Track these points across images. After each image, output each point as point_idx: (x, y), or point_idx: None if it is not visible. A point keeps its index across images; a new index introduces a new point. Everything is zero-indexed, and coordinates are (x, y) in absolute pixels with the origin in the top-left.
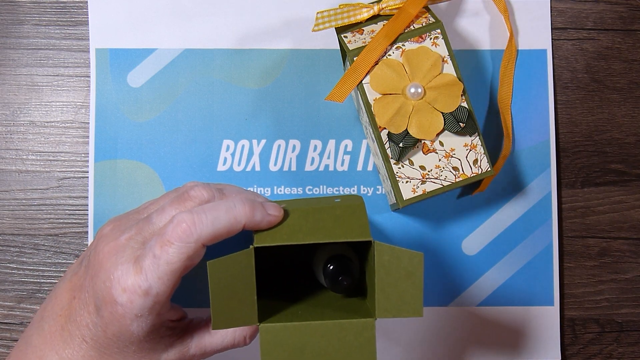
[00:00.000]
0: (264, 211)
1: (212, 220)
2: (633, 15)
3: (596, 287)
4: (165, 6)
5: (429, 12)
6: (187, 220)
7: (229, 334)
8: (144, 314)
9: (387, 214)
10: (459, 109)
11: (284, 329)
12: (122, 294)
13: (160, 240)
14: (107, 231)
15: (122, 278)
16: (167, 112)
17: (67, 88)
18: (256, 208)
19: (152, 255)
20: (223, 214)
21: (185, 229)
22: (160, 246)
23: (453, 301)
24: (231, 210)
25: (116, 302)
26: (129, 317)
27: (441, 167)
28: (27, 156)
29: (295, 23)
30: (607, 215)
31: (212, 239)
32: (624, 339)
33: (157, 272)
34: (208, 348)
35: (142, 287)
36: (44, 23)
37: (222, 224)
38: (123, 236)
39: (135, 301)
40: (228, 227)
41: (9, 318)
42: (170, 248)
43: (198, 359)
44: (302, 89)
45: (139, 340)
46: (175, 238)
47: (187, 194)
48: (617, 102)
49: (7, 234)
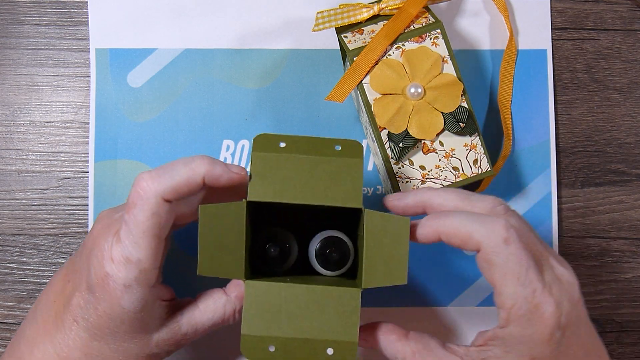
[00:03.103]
0: (224, 167)
1: (170, 174)
2: (633, 15)
3: (596, 287)
4: (165, 6)
5: (429, 12)
6: (145, 177)
7: (218, 308)
8: (132, 284)
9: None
10: (459, 109)
11: (269, 287)
12: (111, 264)
13: (126, 206)
14: (104, 214)
15: (110, 249)
16: (167, 112)
17: (67, 88)
18: (216, 162)
19: (124, 223)
20: (181, 166)
21: (144, 186)
22: (127, 211)
23: (453, 301)
24: (189, 163)
25: (107, 274)
26: (119, 289)
27: (441, 167)
28: (27, 156)
29: (295, 23)
30: (607, 215)
31: (172, 192)
32: (624, 339)
33: (132, 237)
34: (199, 324)
35: (124, 255)
36: (44, 23)
37: (180, 176)
38: (116, 215)
39: (121, 270)
40: (187, 180)
41: (9, 318)
42: (134, 209)
43: (191, 337)
44: (302, 89)
45: (130, 318)
46: (136, 198)
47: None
48: (617, 102)
49: (7, 234)
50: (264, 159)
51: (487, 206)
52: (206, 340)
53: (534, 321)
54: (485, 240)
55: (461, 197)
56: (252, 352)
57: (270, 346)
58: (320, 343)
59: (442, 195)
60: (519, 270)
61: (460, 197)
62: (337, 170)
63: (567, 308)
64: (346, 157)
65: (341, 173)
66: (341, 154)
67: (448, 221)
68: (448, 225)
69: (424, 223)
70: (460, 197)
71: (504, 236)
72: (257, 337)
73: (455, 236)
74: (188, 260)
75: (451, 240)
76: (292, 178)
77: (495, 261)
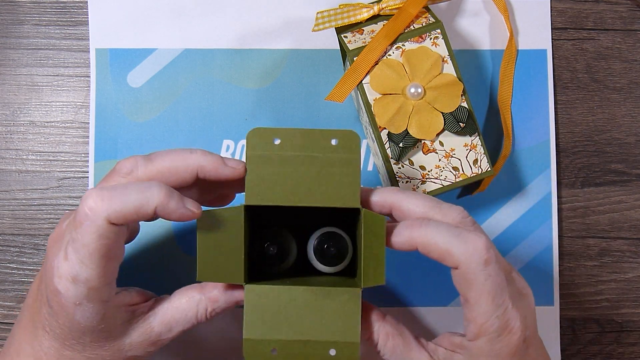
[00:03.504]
0: (180, 202)
1: (120, 197)
2: (633, 15)
3: (596, 287)
4: (165, 6)
5: (429, 12)
6: (93, 196)
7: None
8: (82, 302)
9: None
10: (459, 109)
11: (268, 291)
12: (60, 282)
13: (73, 222)
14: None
15: (58, 266)
16: (167, 112)
17: (67, 88)
18: (172, 197)
19: (71, 240)
20: (134, 192)
21: (91, 205)
22: (74, 228)
23: (453, 301)
24: (144, 190)
25: (57, 291)
26: (70, 307)
27: (441, 167)
28: (27, 156)
29: (295, 23)
30: (607, 215)
31: (120, 217)
32: (624, 339)
33: (78, 256)
34: (172, 323)
35: (71, 274)
36: (44, 23)
37: (130, 202)
38: (64, 222)
39: (70, 289)
40: (137, 207)
41: (9, 318)
42: (80, 228)
43: (166, 336)
44: (302, 89)
45: (90, 330)
46: (83, 216)
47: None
48: (617, 102)
49: (7, 234)
50: (259, 160)
51: (456, 217)
52: (204, 342)
53: (502, 337)
54: (465, 260)
55: (430, 204)
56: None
57: (272, 349)
58: (322, 344)
59: (411, 200)
60: (495, 290)
61: (429, 204)
62: (334, 169)
63: (530, 321)
64: (343, 153)
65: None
66: (338, 150)
67: (427, 232)
68: (426, 237)
69: (400, 231)
70: (430, 205)
71: (484, 257)
72: (258, 340)
73: (434, 250)
74: (189, 261)
75: (429, 253)
76: (288, 180)
77: (473, 281)
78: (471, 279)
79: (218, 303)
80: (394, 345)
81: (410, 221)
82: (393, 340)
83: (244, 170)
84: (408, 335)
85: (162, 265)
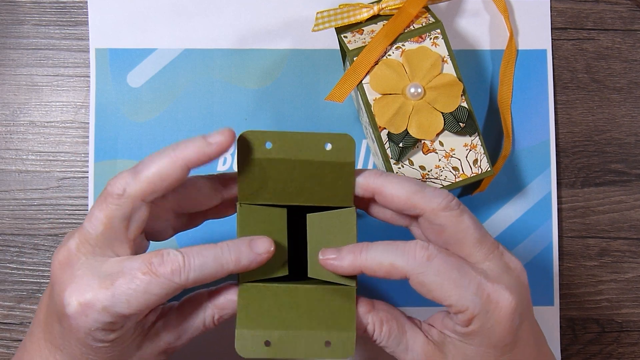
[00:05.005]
0: (250, 253)
1: (200, 266)
2: (633, 15)
3: (596, 287)
4: (165, 6)
5: (428, 12)
6: (180, 261)
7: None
8: (98, 328)
9: None
10: (459, 109)
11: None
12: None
13: (145, 267)
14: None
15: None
16: (167, 112)
17: (67, 88)
18: (242, 252)
19: (131, 278)
20: (211, 261)
21: (176, 269)
22: (144, 273)
23: None
24: (218, 258)
25: (68, 316)
26: (83, 331)
27: (441, 167)
28: (27, 156)
29: (295, 23)
30: (607, 215)
31: (195, 283)
32: (624, 339)
33: (128, 294)
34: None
35: (103, 303)
36: (44, 23)
37: (208, 270)
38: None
39: (91, 315)
40: (213, 274)
41: (9, 318)
42: (153, 279)
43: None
44: (302, 89)
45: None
46: (162, 273)
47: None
48: (617, 102)
49: (7, 234)
50: (250, 163)
51: (442, 202)
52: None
53: (491, 312)
54: (409, 267)
55: (413, 189)
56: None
57: (265, 342)
58: (316, 335)
59: (394, 185)
60: (454, 276)
61: (413, 188)
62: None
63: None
64: (337, 157)
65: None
66: (332, 154)
67: (369, 255)
68: (370, 259)
69: (344, 256)
70: (413, 190)
71: (425, 255)
72: (251, 333)
73: (379, 270)
74: None
75: (376, 273)
76: (281, 182)
77: (426, 281)
78: (423, 281)
79: (226, 310)
80: (389, 330)
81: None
82: (387, 326)
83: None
84: (401, 317)
85: None
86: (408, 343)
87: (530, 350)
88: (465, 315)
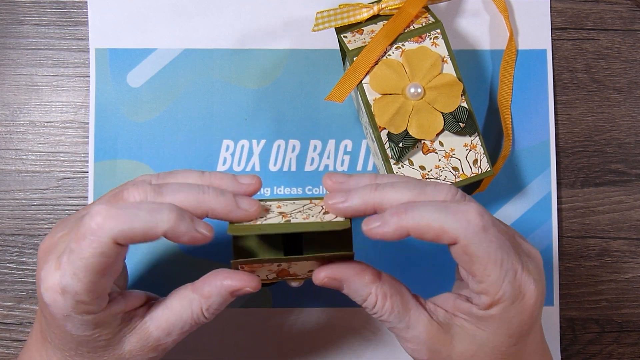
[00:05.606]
0: (190, 225)
1: (130, 218)
2: (633, 15)
3: (596, 287)
4: (165, 6)
5: (428, 12)
6: (102, 212)
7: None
8: (70, 313)
9: None
10: (459, 109)
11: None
12: (46, 293)
13: (76, 233)
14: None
15: (47, 277)
16: (167, 112)
17: (66, 88)
18: (183, 219)
19: (69, 250)
20: (144, 213)
21: (99, 222)
22: (75, 240)
23: None
24: (154, 212)
25: (46, 303)
26: (60, 318)
27: (441, 167)
28: (27, 156)
29: (295, 23)
30: (607, 215)
31: (126, 237)
32: (624, 339)
33: (72, 268)
34: (170, 326)
35: (60, 285)
36: (44, 23)
37: (140, 223)
38: (57, 234)
39: (58, 300)
40: (146, 230)
41: (8, 318)
42: (83, 241)
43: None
44: (302, 89)
45: (85, 340)
46: (88, 231)
47: (119, 195)
48: (617, 102)
49: (7, 234)
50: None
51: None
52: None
53: (517, 302)
54: (462, 232)
55: (414, 193)
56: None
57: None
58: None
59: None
60: (501, 256)
61: (413, 193)
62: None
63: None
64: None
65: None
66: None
67: (416, 215)
68: (417, 220)
69: (387, 220)
70: (414, 193)
71: (480, 225)
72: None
73: (427, 232)
74: (190, 262)
75: (423, 236)
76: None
77: (475, 252)
78: (472, 251)
79: (212, 298)
80: (392, 305)
81: (394, 208)
82: (391, 300)
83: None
84: (406, 293)
85: (163, 267)
86: (410, 321)
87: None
88: (490, 298)
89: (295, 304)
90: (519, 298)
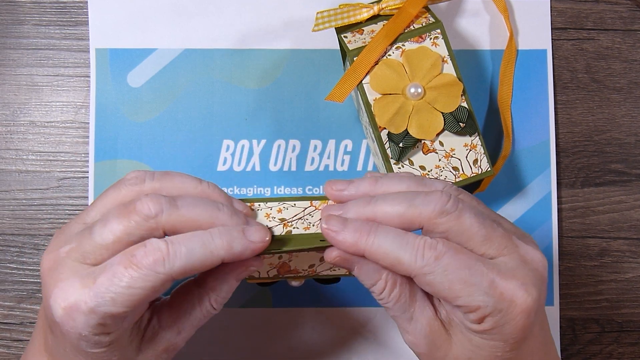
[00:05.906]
0: (243, 240)
1: (187, 254)
2: (633, 15)
3: (596, 287)
4: (165, 6)
5: (429, 12)
6: (163, 249)
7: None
8: (89, 332)
9: None
10: (459, 109)
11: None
12: (62, 312)
13: (126, 260)
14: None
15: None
16: (167, 112)
17: (67, 88)
18: (234, 238)
19: (112, 273)
20: (199, 247)
21: (159, 258)
22: (125, 267)
23: None
24: (207, 244)
25: (57, 322)
26: (74, 337)
27: (441, 167)
28: (27, 156)
29: (295, 23)
30: (607, 215)
31: (184, 273)
32: (624, 339)
33: (112, 292)
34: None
35: (89, 304)
36: (44, 23)
37: (196, 257)
38: (63, 248)
39: (78, 320)
40: (202, 261)
41: (9, 318)
42: (136, 272)
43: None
44: (302, 89)
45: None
46: (145, 264)
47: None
48: (617, 102)
49: (7, 234)
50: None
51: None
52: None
53: (505, 310)
54: (414, 265)
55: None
56: None
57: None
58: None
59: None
60: (462, 274)
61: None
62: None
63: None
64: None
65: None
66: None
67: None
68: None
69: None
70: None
71: (433, 255)
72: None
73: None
74: None
75: (379, 262)
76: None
77: (433, 281)
78: (431, 281)
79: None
80: (400, 294)
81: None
82: (400, 289)
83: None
84: (415, 285)
85: None
86: (415, 313)
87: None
88: (477, 314)
89: (295, 304)
90: (509, 305)
